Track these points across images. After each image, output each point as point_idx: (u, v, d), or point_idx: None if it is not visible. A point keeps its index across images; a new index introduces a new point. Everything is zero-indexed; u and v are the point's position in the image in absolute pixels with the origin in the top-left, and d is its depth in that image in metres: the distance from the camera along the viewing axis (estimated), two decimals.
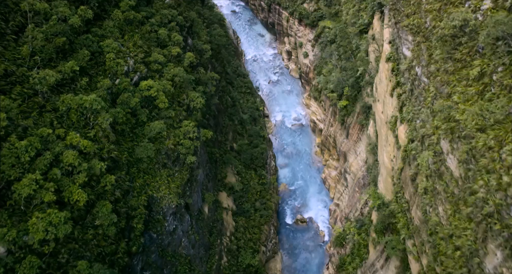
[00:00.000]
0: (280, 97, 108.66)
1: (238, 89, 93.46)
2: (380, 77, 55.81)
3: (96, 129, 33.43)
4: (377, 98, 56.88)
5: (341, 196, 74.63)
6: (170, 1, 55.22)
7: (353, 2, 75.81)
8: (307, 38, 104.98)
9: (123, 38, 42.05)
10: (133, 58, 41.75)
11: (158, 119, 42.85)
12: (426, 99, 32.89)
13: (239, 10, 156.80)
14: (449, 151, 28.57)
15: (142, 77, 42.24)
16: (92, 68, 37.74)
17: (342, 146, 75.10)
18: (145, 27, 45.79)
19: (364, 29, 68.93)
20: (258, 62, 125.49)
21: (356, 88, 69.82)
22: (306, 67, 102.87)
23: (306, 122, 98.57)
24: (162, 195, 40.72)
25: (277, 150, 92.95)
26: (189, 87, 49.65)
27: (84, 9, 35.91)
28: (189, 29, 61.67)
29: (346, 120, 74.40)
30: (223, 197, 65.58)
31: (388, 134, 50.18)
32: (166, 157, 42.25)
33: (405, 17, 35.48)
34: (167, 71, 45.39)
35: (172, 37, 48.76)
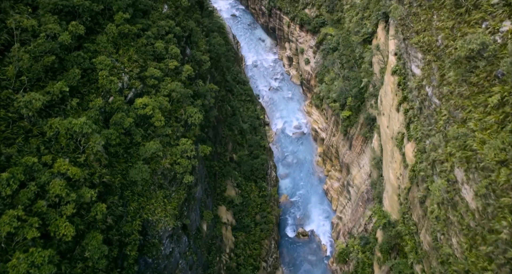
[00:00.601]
0: (281, 104, 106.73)
1: (238, 97, 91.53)
2: (385, 90, 53.86)
3: (88, 153, 31.45)
4: (382, 111, 54.93)
5: (343, 209, 72.62)
6: (168, 11, 53.27)
7: (356, 10, 73.89)
8: (308, 45, 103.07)
9: (117, 53, 40.08)
10: (128, 74, 39.79)
11: (154, 137, 40.91)
12: (437, 121, 30.92)
13: (239, 14, 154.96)
14: (464, 180, 26.60)
15: (137, 94, 40.28)
16: (84, 86, 35.76)
17: (345, 157, 73.11)
18: (141, 40, 43.83)
19: (368, 38, 66.98)
20: (259, 67, 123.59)
21: (360, 98, 67.88)
22: (308, 74, 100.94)
23: (307, 130, 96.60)
24: (158, 218, 38.72)
25: (278, 159, 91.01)
26: (187, 101, 47.69)
27: (76, 24, 33.94)
28: (188, 39, 59.72)
29: (349, 131, 72.43)
30: (223, 212, 63.59)
31: (394, 150, 48.21)
32: (162, 177, 40.26)
33: (415, 33, 33.52)
34: (164, 86, 43.43)
35: (170, 49, 46.79)
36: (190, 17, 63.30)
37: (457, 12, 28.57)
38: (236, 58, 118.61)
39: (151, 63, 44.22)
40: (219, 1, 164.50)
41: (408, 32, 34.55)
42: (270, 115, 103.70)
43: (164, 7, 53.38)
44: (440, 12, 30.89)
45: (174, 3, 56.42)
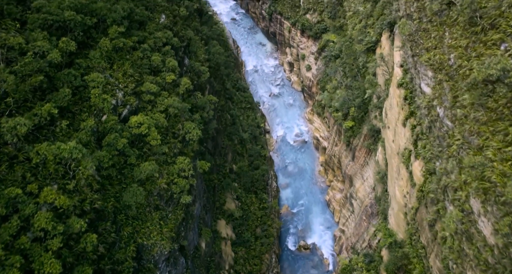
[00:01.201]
0: (282, 111, 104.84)
1: (238, 104, 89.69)
2: (390, 103, 52.00)
3: (78, 178, 29.57)
4: (387, 124, 53.05)
5: (346, 222, 70.68)
6: (166, 21, 51.45)
7: (359, 17, 72.05)
8: (310, 51, 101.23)
9: (111, 68, 38.23)
10: (122, 90, 37.93)
11: (150, 155, 39.05)
12: (450, 145, 29.04)
13: (239, 18, 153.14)
14: (481, 213, 24.73)
15: (132, 111, 38.42)
16: (76, 105, 33.90)
17: (348, 168, 71.19)
18: (137, 53, 41.98)
19: (371, 47, 65.16)
20: (259, 73, 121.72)
21: (363, 109, 66.01)
22: (309, 81, 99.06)
23: (308, 139, 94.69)
24: (153, 241, 36.80)
25: (279, 168, 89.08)
26: (185, 115, 45.84)
27: (66, 40, 32.08)
28: (186, 48, 57.91)
29: (352, 142, 70.52)
30: (222, 226, 61.65)
31: (401, 167, 46.31)
32: (158, 198, 38.39)
33: (424, 50, 31.65)
34: (160, 101, 41.58)
35: (167, 62, 44.94)
36: (188, 26, 61.55)
37: (472, 31, 26.72)
38: (236, 64, 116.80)
39: (147, 77, 42.38)
40: (219, 5, 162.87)
41: (417, 48, 32.71)
42: (270, 122, 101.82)
43: (161, 17, 51.59)
44: (452, 29, 29.04)
45: (172, 13, 54.65)
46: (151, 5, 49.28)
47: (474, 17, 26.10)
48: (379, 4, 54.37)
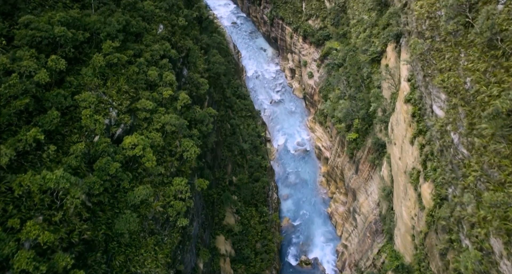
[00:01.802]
0: (283, 119, 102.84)
1: (238, 112, 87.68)
2: (397, 118, 49.95)
3: (66, 207, 27.51)
4: (393, 140, 50.98)
5: (349, 237, 68.59)
6: (164, 32, 49.41)
7: (364, 26, 70.04)
8: (312, 57, 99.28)
9: (105, 85, 36.17)
10: (116, 108, 35.87)
11: (145, 176, 37.00)
12: (466, 176, 26.99)
13: (240, 22, 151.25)
14: (503, 254, 22.69)
15: (126, 130, 36.36)
16: (66, 126, 31.84)
17: (351, 182, 69.13)
18: (132, 67, 39.92)
19: (376, 58, 63.13)
20: (260, 79, 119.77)
21: (367, 121, 63.97)
22: (311, 89, 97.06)
23: (310, 148, 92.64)
24: (147, 270, 34.71)
25: (280, 178, 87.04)
26: (183, 132, 43.78)
27: (56, 58, 30.03)
28: (185, 59, 55.89)
29: (355, 154, 68.48)
30: (221, 242, 59.55)
31: (408, 186, 44.23)
32: (153, 222, 36.31)
33: (437, 71, 29.61)
34: (157, 118, 39.52)
35: (164, 76, 42.90)
36: (188, 35, 59.52)
37: (492, 54, 24.68)
38: (237, 69, 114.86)
39: (143, 93, 40.33)
40: (220, 8, 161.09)
41: (429, 68, 30.69)
42: (271, 129, 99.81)
43: (159, 27, 49.55)
44: (469, 51, 27.01)
45: (170, 22, 52.62)
46: (148, 16, 47.24)
47: (494, 40, 24.06)
48: (385, 15, 52.30)
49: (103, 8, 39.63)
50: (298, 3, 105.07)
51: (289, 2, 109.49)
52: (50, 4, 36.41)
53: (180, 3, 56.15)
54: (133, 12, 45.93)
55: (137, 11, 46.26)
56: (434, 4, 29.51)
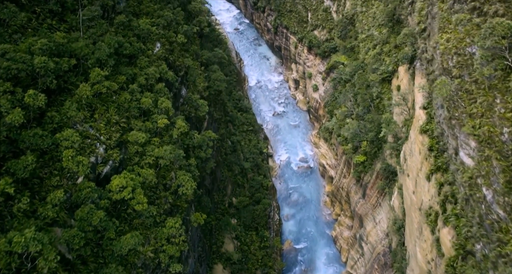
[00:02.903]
0: (286, 132, 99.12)
1: (239, 127, 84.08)
2: (411, 148, 46.27)
3: (39, 268, 23.96)
4: (406, 171, 47.27)
5: (355, 265, 64.91)
6: (160, 50, 45.87)
7: (374, 42, 66.41)
8: (317, 69, 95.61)
9: (92, 117, 32.63)
10: (104, 144, 32.32)
11: (136, 218, 33.46)
12: (503, 242, 23.36)
13: (243, 28, 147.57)
14: None
15: (115, 167, 32.80)
16: (45, 167, 28.31)
17: (358, 206, 65.43)
18: (124, 95, 36.37)
19: (387, 77, 59.52)
20: (263, 89, 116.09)
21: (377, 144, 60.28)
22: (316, 102, 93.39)
23: (314, 164, 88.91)
24: None
25: (282, 196, 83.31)
26: (179, 163, 40.24)
27: (34, 94, 26.47)
28: (183, 78, 52.36)
29: (362, 177, 64.77)
30: (219, 271, 55.98)
31: (424, 227, 40.51)
32: (143, 270, 32.73)
33: (467, 115, 25.97)
34: (150, 151, 35.96)
35: (159, 103, 39.35)
36: (187, 51, 55.97)
37: None
38: (239, 79, 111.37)
39: (136, 122, 36.77)
40: (223, 13, 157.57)
41: (456, 110, 27.09)
42: (273, 144, 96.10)
43: (156, 46, 46.04)
44: (507, 97, 23.38)
45: (168, 40, 49.09)
46: (144, 34, 43.70)
47: None
48: (399, 37, 48.60)
49: (93, 29, 36.09)
50: (304, 12, 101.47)
51: (294, 11, 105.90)
52: (33, 26, 32.92)
53: (179, 18, 52.65)
54: (127, 31, 42.42)
55: (132, 30, 42.74)
56: (464, 40, 25.99)
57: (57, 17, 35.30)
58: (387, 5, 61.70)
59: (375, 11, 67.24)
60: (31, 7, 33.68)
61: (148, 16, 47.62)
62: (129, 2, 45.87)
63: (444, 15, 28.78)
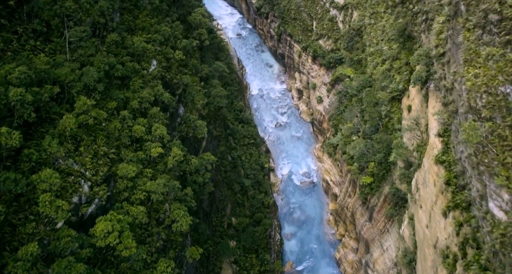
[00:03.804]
0: (288, 145, 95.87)
1: (240, 141, 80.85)
2: (424, 178, 42.98)
3: None
4: (419, 202, 43.99)
5: None
6: (157, 69, 42.71)
7: (383, 57, 63.15)
8: (321, 80, 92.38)
9: (77, 151, 29.47)
10: (90, 180, 29.16)
11: (124, 261, 30.28)
12: None
13: (245, 34, 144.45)
14: None
15: (101, 206, 29.63)
16: (18, 212, 25.14)
17: (364, 230, 62.14)
18: (114, 122, 33.22)
19: (397, 96, 56.28)
20: (265, 98, 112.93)
21: (385, 166, 57.00)
22: (320, 115, 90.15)
23: (317, 180, 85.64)
24: None
25: (283, 213, 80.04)
26: (174, 194, 37.08)
27: (7, 132, 23.33)
28: (181, 96, 49.22)
29: (369, 200, 61.48)
30: None
31: (440, 268, 37.18)
32: None
33: (499, 163, 22.73)
34: (141, 185, 32.77)
35: (153, 129, 36.19)
36: (186, 66, 52.82)
37: None
38: (240, 87, 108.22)
39: (127, 152, 33.59)
40: (225, 18, 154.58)
41: (485, 156, 23.86)
42: (275, 156, 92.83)
43: (152, 64, 42.89)
44: None
45: (165, 56, 45.95)
46: (139, 52, 40.53)
47: None
48: (413, 57, 45.28)
49: (82, 50, 32.93)
50: (308, 21, 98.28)
51: (299, 19, 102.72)
52: (14, 48, 29.77)
53: (177, 32, 49.49)
54: (121, 49, 39.27)
55: (125, 48, 39.60)
56: (496, 77, 22.81)
57: (42, 37, 32.16)
58: (397, 19, 58.51)
59: (384, 24, 64.02)
60: (12, 27, 30.57)
61: (144, 31, 44.50)
62: (123, 17, 42.76)
63: (471, 46, 25.65)
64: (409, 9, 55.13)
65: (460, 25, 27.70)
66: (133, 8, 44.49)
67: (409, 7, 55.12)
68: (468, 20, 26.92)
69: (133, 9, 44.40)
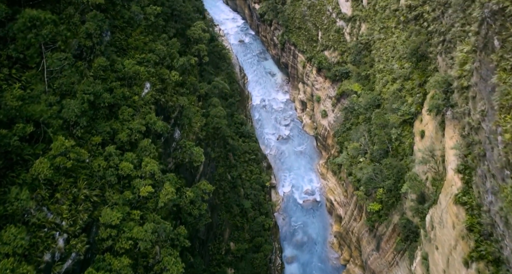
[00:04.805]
0: (291, 160, 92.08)
1: (240, 157, 77.22)
2: (441, 217, 39.22)
3: None
4: (434, 242, 40.26)
5: None
6: (150, 93, 39.14)
7: (393, 75, 59.46)
8: (326, 93, 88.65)
9: (53, 197, 25.88)
10: (66, 232, 25.58)
11: None
12: None
13: (248, 40, 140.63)
14: None
15: (79, 261, 26.05)
16: None
17: (370, 259, 58.41)
18: (98, 160, 29.65)
19: (409, 119, 52.60)
20: (267, 109, 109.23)
21: (395, 194, 53.25)
22: (324, 130, 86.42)
23: (320, 198, 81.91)
24: None
25: (284, 233, 76.36)
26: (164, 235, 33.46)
27: None
28: (177, 118, 45.67)
29: (376, 227, 57.75)
30: None
31: None
32: None
33: None
34: (127, 232, 29.16)
35: (143, 165, 32.61)
36: (183, 85, 49.25)
37: None
38: (242, 97, 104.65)
39: (111, 194, 29.99)
40: (227, 23, 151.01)
41: None
42: (277, 172, 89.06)
43: (144, 87, 39.32)
44: None
45: (160, 77, 42.39)
46: (131, 74, 36.97)
47: None
48: (429, 84, 41.50)
49: (63, 79, 29.34)
50: (314, 31, 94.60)
51: (303, 28, 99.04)
52: None
53: (173, 51, 45.90)
54: (110, 73, 35.73)
55: (115, 72, 36.05)
56: None
57: (18, 64, 28.60)
58: (409, 37, 54.82)
59: (395, 40, 60.31)
60: None
61: (137, 51, 40.98)
62: (114, 36, 39.22)
63: (508, 91, 22.06)
64: (423, 27, 51.48)
65: (493, 63, 24.07)
66: (126, 25, 40.93)
67: (423, 24, 51.45)
68: (504, 59, 23.28)
69: (125, 27, 40.84)
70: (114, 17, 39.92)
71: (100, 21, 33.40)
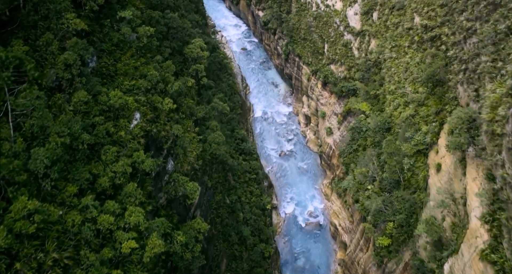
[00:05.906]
0: (293, 177, 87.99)
1: (240, 177, 73.08)
2: (464, 271, 35.01)
3: None
4: None
5: None
6: (139, 125, 35.07)
7: (405, 98, 55.29)
8: (332, 109, 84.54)
9: (11, 268, 21.83)
10: None
11: None
12: None
13: (251, 48, 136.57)
14: None
15: None
16: None
17: None
18: (72, 215, 25.53)
19: (423, 150, 48.44)
20: (269, 122, 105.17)
21: (406, 230, 49.08)
22: (329, 148, 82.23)
23: (324, 221, 77.72)
24: None
25: (285, 259, 72.24)
26: None
27: None
28: (170, 149, 41.62)
29: (385, 263, 53.54)
30: None
31: None
32: None
33: None
34: None
35: (126, 216, 28.46)
36: (178, 109, 45.21)
37: None
38: (243, 109, 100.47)
39: (87, 254, 25.89)
40: (230, 29, 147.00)
41: None
42: (279, 191, 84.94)
43: (134, 118, 35.28)
44: None
45: (152, 105, 38.36)
46: (117, 107, 32.92)
47: None
48: (452, 120, 37.13)
49: (34, 120, 25.26)
50: (320, 43, 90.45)
51: (309, 39, 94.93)
52: None
53: (168, 74, 41.90)
54: (93, 106, 31.73)
55: (99, 104, 32.04)
56: None
57: None
58: (425, 59, 50.66)
59: (408, 61, 56.08)
60: None
61: (126, 77, 36.95)
62: (101, 61, 35.21)
63: None
64: (440, 50, 47.28)
65: None
66: (115, 49, 36.91)
67: (441, 47, 47.27)
68: None
69: (114, 51, 36.82)
70: (102, 40, 35.94)
71: (81, 49, 29.42)
